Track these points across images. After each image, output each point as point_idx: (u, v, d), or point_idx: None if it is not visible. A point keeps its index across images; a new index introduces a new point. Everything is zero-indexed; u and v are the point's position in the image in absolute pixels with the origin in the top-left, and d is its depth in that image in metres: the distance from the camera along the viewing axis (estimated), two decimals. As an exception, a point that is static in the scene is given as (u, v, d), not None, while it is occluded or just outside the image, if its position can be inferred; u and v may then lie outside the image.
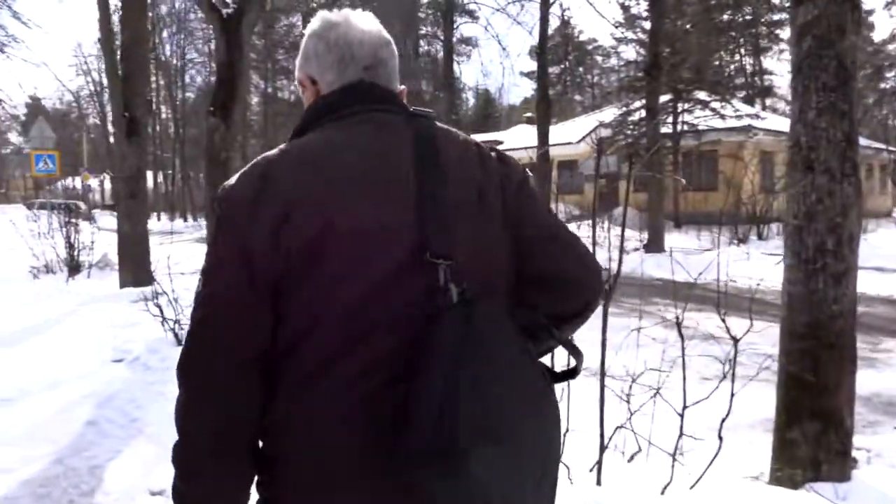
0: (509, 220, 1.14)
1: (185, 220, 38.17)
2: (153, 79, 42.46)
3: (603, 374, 2.57)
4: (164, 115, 44.46)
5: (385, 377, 1.03)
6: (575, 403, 2.76)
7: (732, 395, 2.61)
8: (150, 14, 35.22)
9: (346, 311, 1.03)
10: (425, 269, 1.04)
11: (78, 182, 36.13)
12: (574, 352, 1.16)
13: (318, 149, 1.11)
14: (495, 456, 0.97)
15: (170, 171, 45.04)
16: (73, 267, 10.83)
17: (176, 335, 6.04)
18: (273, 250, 1.03)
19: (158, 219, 38.22)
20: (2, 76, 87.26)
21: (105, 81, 15.58)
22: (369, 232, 1.05)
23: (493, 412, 0.97)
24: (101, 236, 11.56)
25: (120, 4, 9.94)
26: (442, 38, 25.18)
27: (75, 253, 10.90)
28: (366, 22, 1.22)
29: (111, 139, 35.20)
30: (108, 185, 36.18)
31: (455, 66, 24.66)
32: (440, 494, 0.96)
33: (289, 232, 1.03)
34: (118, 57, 10.09)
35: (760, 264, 9.23)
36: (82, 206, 25.55)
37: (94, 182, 38.57)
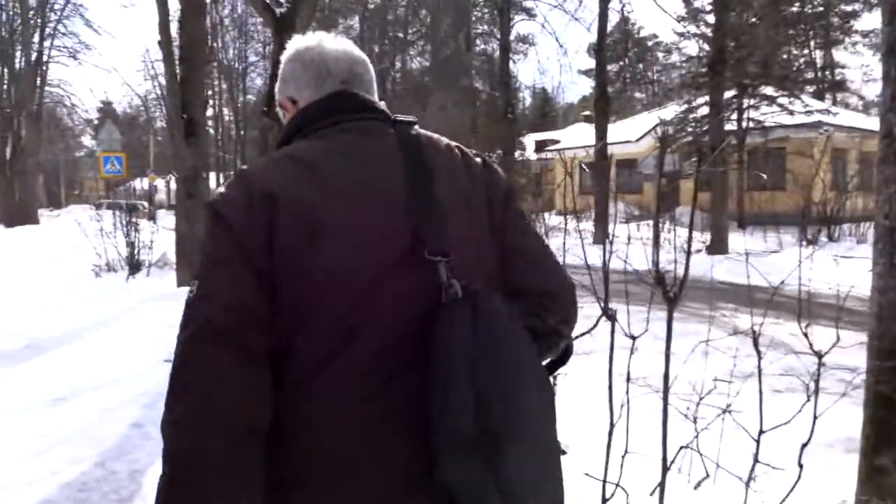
0: (495, 228, 1.18)
1: None
2: (216, 82, 43.74)
3: (666, 389, 2.32)
4: (226, 118, 45.69)
5: (381, 375, 1.04)
6: (635, 421, 2.52)
7: (815, 417, 2.32)
8: (212, 18, 36.22)
9: (339, 309, 1.04)
10: (421, 268, 1.06)
11: (145, 183, 37.26)
12: (557, 345, 1.19)
13: (306, 155, 1.12)
14: (526, 449, 0.99)
15: (231, 172, 46.14)
16: (134, 266, 11.06)
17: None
18: (268, 250, 1.03)
19: None
20: (75, 82, 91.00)
21: (167, 84, 15.99)
22: (361, 232, 1.06)
23: (517, 406, 0.99)
24: (161, 236, 11.79)
25: (179, 8, 10.04)
26: (498, 36, 24.92)
27: (135, 252, 11.13)
28: (339, 43, 1.26)
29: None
30: (173, 185, 37.37)
31: (511, 65, 24.34)
32: (463, 486, 0.98)
33: (282, 233, 1.03)
34: (177, 60, 10.24)
35: (840, 268, 8.70)
36: (145, 206, 26.34)
37: (160, 183, 39.73)
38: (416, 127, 1.21)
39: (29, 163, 31.49)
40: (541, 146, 29.12)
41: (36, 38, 33.38)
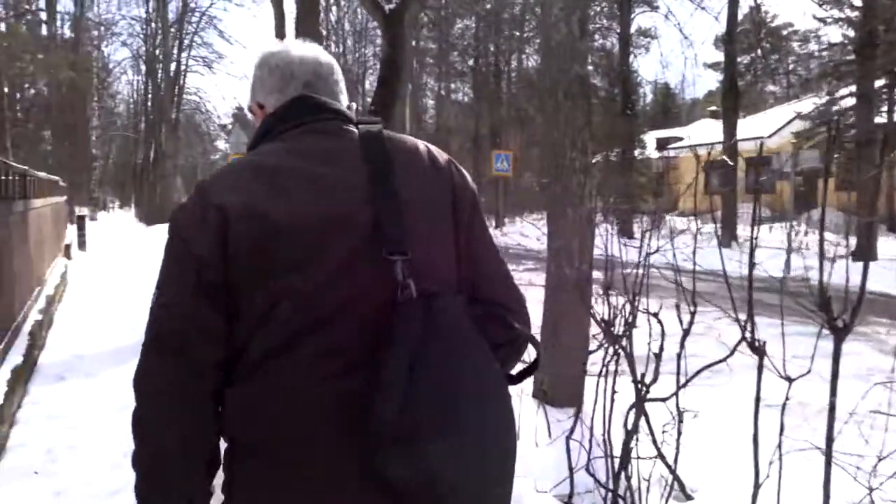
0: (461, 230, 1.19)
1: None
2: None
3: (830, 444, 1.85)
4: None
5: (344, 363, 1.07)
6: (788, 483, 2.05)
7: None
8: (329, 23, 37.38)
9: (301, 299, 1.06)
10: (379, 266, 1.07)
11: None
12: (520, 351, 1.21)
13: (265, 158, 1.16)
14: (454, 446, 1.01)
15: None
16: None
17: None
18: (221, 257, 1.07)
19: None
20: (209, 90, 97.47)
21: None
22: (317, 230, 1.08)
23: (450, 404, 1.01)
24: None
25: (295, 12, 10.24)
26: (618, 30, 23.99)
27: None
28: (304, 47, 1.29)
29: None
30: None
31: (632, 60, 23.35)
32: (396, 478, 1.00)
33: (234, 237, 1.07)
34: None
35: None
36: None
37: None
38: (380, 128, 1.21)
39: (168, 166, 33.89)
40: (662, 144, 27.85)
41: (174, 51, 35.75)
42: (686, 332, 2.41)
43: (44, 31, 29.81)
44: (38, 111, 30.01)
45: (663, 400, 2.54)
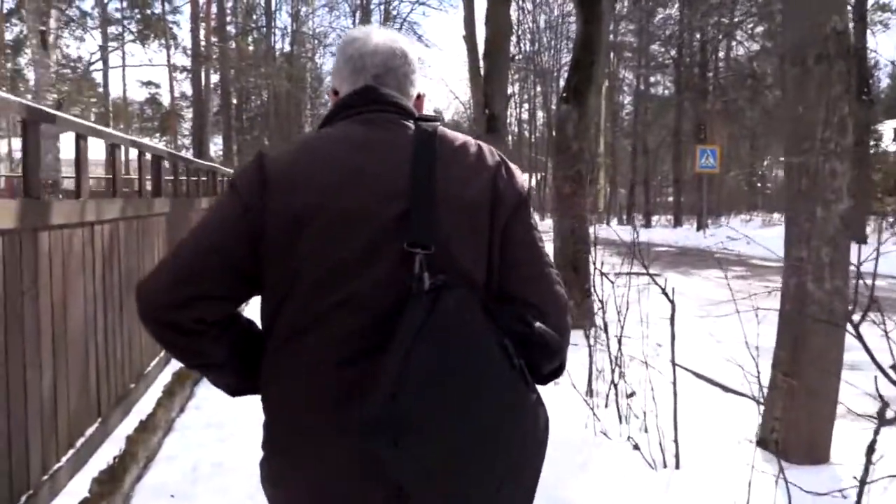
0: (495, 232, 1.20)
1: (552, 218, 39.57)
2: (531, 87, 44.90)
3: None
4: (539, 122, 46.62)
5: (354, 349, 1.12)
6: None
7: None
8: (521, 19, 37.06)
9: (319, 283, 1.13)
10: (402, 257, 1.12)
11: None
12: (548, 346, 1.18)
13: (315, 141, 1.24)
14: (430, 439, 1.04)
15: (543, 174, 47.25)
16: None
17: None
18: (261, 208, 1.14)
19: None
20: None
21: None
22: (347, 213, 1.13)
23: (436, 399, 1.03)
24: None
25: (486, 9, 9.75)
26: (852, 2, 20.92)
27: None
28: (382, 35, 1.32)
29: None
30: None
31: (868, 37, 20.19)
32: (386, 461, 1.06)
33: (271, 195, 1.14)
34: (481, 54, 9.98)
35: None
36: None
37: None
38: (436, 125, 1.24)
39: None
40: (904, 135, 24.00)
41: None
42: None
43: (264, 46, 32.56)
44: (260, 120, 32.92)
45: None
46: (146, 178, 4.41)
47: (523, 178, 1.26)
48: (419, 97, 1.33)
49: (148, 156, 4.66)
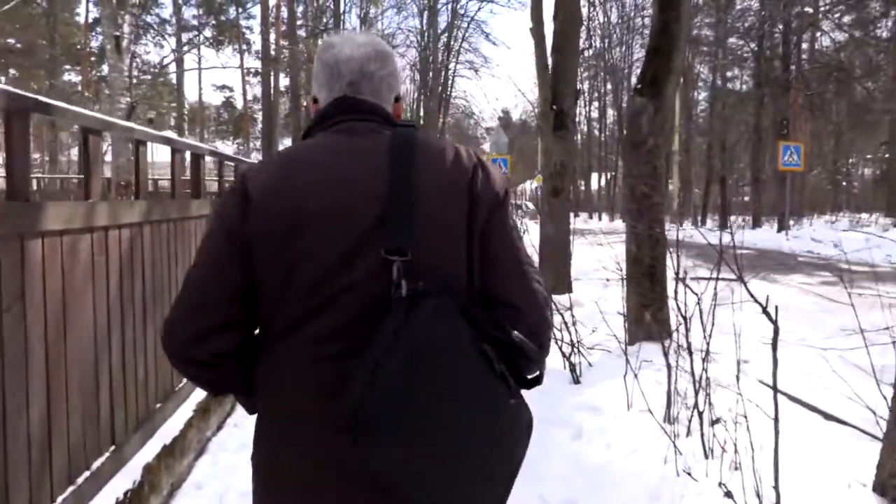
0: (474, 234, 1.22)
1: (624, 220, 38.88)
2: (601, 84, 43.82)
3: None
4: (610, 120, 45.46)
5: (333, 350, 1.16)
6: None
7: None
8: (599, 21, 36.07)
9: (304, 286, 1.16)
10: (381, 262, 1.15)
11: (534, 184, 38.96)
12: (525, 354, 1.18)
13: (291, 149, 1.30)
14: (413, 441, 1.06)
15: (613, 173, 46.26)
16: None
17: (572, 367, 4.75)
18: (242, 223, 1.18)
19: (599, 218, 41.85)
20: (475, 93, 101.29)
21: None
22: (327, 221, 1.16)
23: (413, 402, 1.05)
24: (533, 235, 11.16)
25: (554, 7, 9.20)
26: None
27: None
28: (357, 41, 1.32)
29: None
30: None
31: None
32: (361, 460, 1.08)
33: (253, 208, 1.18)
34: (549, 49, 9.45)
35: None
36: (530, 205, 26.97)
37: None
38: (413, 130, 1.25)
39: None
40: None
41: (443, 57, 37.21)
42: None
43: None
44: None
45: None
46: (181, 177, 4.10)
47: (502, 180, 1.27)
48: (398, 99, 1.36)
49: (188, 155, 4.40)
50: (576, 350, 4.78)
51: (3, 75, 32.58)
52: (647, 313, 5.99)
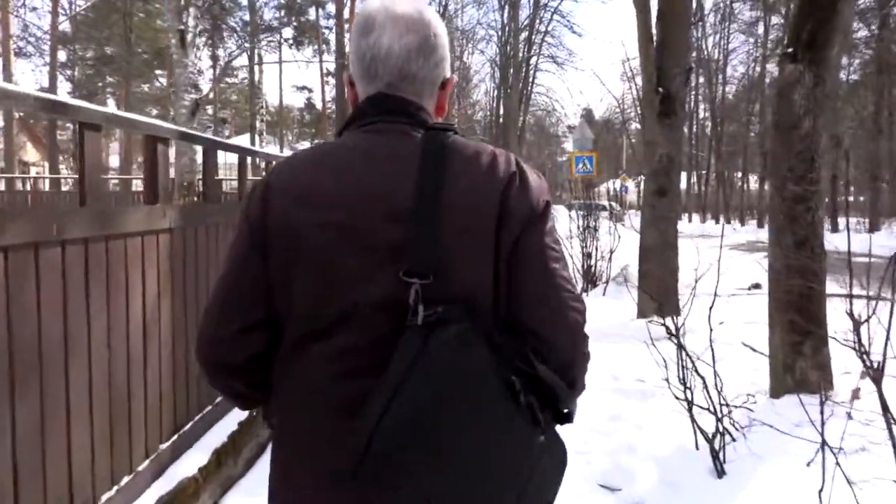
0: (503, 250, 1.12)
1: (717, 222, 36.22)
2: (694, 78, 41.22)
3: None
4: (701, 115, 42.74)
5: (351, 366, 1.10)
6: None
7: None
8: (698, 16, 33.69)
9: (318, 297, 1.11)
10: (399, 282, 1.07)
11: (617, 184, 36.81)
12: (558, 392, 1.10)
13: (321, 147, 1.24)
14: (426, 472, 1.01)
15: (703, 171, 43.48)
16: (590, 280, 9.14)
17: (714, 453, 3.15)
18: (266, 234, 1.13)
19: (689, 220, 38.84)
20: (558, 88, 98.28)
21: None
22: (346, 229, 1.10)
23: (429, 431, 1.00)
24: (626, 243, 9.60)
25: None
26: None
27: (592, 263, 9.19)
28: (401, 30, 1.19)
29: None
30: (643, 187, 35.93)
31: None
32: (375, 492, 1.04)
33: (272, 205, 1.13)
34: (653, 18, 7.89)
35: None
36: (616, 206, 25.09)
37: (630, 184, 38.94)
38: (447, 134, 1.16)
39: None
40: None
41: (524, 52, 35.69)
42: None
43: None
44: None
45: None
46: (214, 178, 3.19)
47: (541, 190, 1.15)
48: (444, 86, 1.25)
49: (224, 155, 3.37)
50: (720, 425, 3.12)
51: (101, 80, 33.60)
52: (800, 357, 4.46)
